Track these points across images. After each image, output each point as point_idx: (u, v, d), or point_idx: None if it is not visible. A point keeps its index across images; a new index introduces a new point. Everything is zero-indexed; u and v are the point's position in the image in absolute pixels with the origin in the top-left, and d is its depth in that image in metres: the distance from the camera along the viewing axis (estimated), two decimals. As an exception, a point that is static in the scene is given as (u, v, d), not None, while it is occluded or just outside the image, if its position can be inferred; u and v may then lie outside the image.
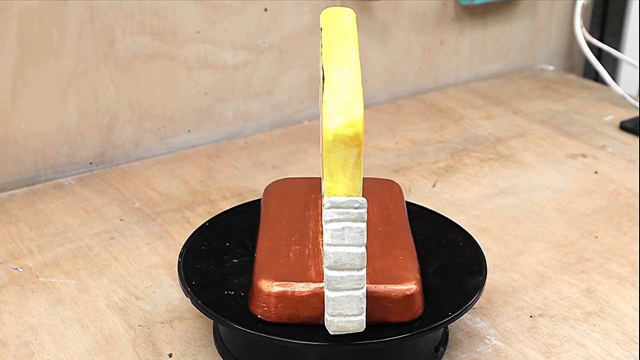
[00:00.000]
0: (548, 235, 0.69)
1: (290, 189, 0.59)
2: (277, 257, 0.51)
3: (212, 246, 0.56)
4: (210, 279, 0.53)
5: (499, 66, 1.07)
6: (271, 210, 0.57)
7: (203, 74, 0.84)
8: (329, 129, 0.43)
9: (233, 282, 0.53)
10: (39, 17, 0.73)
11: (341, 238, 0.44)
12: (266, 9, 0.85)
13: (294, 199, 0.58)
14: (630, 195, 0.76)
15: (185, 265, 0.54)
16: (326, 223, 0.45)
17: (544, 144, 0.87)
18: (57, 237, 0.68)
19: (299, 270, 0.50)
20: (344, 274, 0.45)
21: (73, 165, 0.80)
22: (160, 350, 0.54)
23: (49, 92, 0.76)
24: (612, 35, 1.11)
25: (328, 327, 0.47)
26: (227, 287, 0.52)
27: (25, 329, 0.56)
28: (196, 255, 0.55)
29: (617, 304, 0.60)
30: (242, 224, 0.59)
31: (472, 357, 0.54)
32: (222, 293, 0.51)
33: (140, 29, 0.79)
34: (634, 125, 0.90)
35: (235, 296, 0.51)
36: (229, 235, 0.58)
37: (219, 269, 0.54)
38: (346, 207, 0.44)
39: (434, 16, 0.97)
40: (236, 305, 0.50)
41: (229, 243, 0.57)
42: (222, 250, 0.56)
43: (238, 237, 0.57)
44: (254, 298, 0.49)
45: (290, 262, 0.51)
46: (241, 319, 0.49)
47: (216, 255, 0.55)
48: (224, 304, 0.50)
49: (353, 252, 0.45)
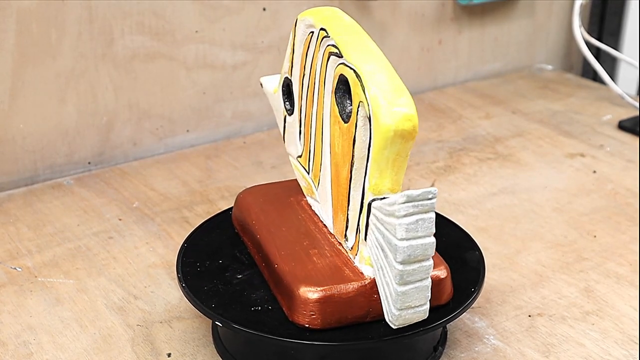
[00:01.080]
0: (547, 234, 0.69)
1: (266, 196, 0.58)
2: (303, 264, 0.50)
3: (206, 266, 0.54)
4: (227, 299, 0.51)
5: (498, 66, 1.07)
6: (262, 219, 0.55)
7: (202, 74, 0.84)
8: (389, 125, 0.43)
9: (252, 297, 0.51)
10: (37, 16, 0.73)
11: (415, 231, 0.44)
12: (265, 8, 0.85)
13: (276, 205, 0.57)
14: (628, 195, 0.76)
15: (197, 294, 0.52)
16: (399, 218, 0.44)
17: (543, 144, 0.87)
18: (55, 237, 0.68)
19: (333, 272, 0.49)
20: (415, 266, 0.45)
21: (71, 165, 0.80)
22: (159, 350, 0.54)
23: (47, 92, 0.76)
24: (611, 35, 1.12)
25: (393, 322, 0.46)
26: (251, 304, 0.50)
27: (23, 329, 0.56)
28: (198, 278, 0.53)
29: (616, 304, 0.60)
30: (221, 237, 0.57)
31: (470, 357, 0.54)
32: (249, 310, 0.50)
33: (139, 28, 0.79)
34: (632, 125, 0.90)
35: (265, 310, 0.50)
36: (215, 252, 0.56)
37: (229, 287, 0.52)
38: (420, 199, 0.44)
39: (432, 16, 0.98)
40: (271, 320, 0.49)
41: (221, 260, 0.55)
42: (220, 269, 0.54)
43: (227, 253, 0.55)
44: (297, 308, 0.47)
45: (319, 266, 0.50)
46: (284, 331, 0.48)
47: (216, 274, 0.53)
48: (260, 321, 0.49)
49: (426, 243, 0.45)
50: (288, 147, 0.57)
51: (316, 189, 0.54)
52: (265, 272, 0.52)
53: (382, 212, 0.45)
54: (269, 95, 0.58)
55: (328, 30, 0.49)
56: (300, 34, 0.52)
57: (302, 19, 0.52)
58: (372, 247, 0.47)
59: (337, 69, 0.48)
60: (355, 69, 0.46)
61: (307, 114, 0.53)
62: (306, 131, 0.54)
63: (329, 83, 0.49)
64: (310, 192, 0.56)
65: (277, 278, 0.50)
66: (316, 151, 0.53)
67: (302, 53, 0.52)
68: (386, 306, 0.47)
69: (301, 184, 0.57)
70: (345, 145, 0.48)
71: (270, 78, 0.58)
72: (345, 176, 0.49)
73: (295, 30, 0.53)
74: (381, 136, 0.44)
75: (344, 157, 0.49)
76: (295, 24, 0.53)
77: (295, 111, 0.55)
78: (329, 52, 0.49)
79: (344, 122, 0.48)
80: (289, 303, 0.48)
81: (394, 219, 0.44)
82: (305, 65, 0.52)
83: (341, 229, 0.51)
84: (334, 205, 0.52)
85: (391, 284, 0.46)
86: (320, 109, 0.51)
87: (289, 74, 0.54)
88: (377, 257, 0.47)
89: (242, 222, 0.57)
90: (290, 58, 0.54)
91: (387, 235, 0.45)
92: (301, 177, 0.56)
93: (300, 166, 0.56)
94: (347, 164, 0.49)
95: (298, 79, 0.54)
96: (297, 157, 0.56)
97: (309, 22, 0.51)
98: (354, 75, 0.46)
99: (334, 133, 0.49)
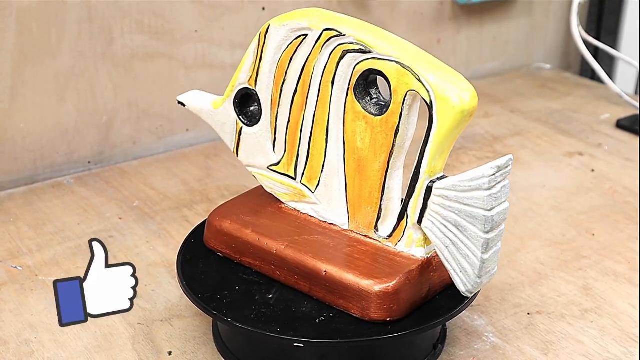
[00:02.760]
0: (545, 233, 0.69)
1: (243, 212, 0.55)
2: (352, 263, 0.50)
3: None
4: (263, 313, 0.50)
5: (496, 65, 1.07)
6: (264, 233, 0.53)
7: (201, 73, 0.84)
8: (461, 105, 0.45)
9: (255, 298, 0.51)
10: (37, 16, 0.73)
11: (499, 199, 0.46)
12: (264, 8, 0.85)
13: (263, 217, 0.55)
14: (627, 193, 0.76)
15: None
16: (488, 190, 0.46)
17: (541, 143, 0.87)
18: (56, 236, 0.68)
19: (390, 263, 0.50)
20: (496, 232, 0.47)
21: (71, 164, 0.80)
22: (159, 348, 0.55)
23: (47, 91, 0.76)
24: (609, 34, 1.12)
25: (473, 290, 0.49)
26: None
27: (25, 327, 0.57)
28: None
29: (614, 301, 0.60)
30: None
31: (470, 354, 0.54)
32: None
33: (139, 28, 0.79)
34: (630, 124, 0.91)
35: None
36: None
37: (256, 298, 0.51)
38: (504, 167, 0.46)
39: (431, 15, 0.98)
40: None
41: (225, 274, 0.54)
42: (227, 282, 0.53)
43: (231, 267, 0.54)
44: (375, 305, 0.48)
45: (369, 261, 0.50)
46: (359, 331, 0.48)
47: (234, 286, 0.52)
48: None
49: (505, 208, 0.47)
50: (248, 159, 0.56)
51: (313, 191, 0.54)
52: (301, 286, 0.51)
53: (458, 190, 0.47)
54: (204, 112, 0.56)
55: (339, 29, 0.49)
56: (279, 39, 0.51)
57: (283, 24, 0.51)
58: (436, 227, 0.48)
59: (361, 65, 0.48)
60: (399, 60, 0.47)
61: (294, 119, 0.53)
62: (292, 136, 0.53)
63: (342, 81, 0.50)
64: (298, 197, 0.55)
65: (332, 284, 0.49)
66: (313, 153, 0.53)
67: (284, 58, 0.51)
68: (463, 278, 0.48)
69: (279, 191, 0.56)
70: (380, 137, 0.49)
71: (193, 95, 0.57)
72: (376, 168, 0.50)
73: (266, 37, 0.51)
74: (453, 117, 0.46)
75: (375, 149, 0.50)
76: (266, 31, 0.51)
77: (263, 120, 0.54)
78: (342, 50, 0.49)
79: (374, 116, 0.49)
80: (363, 303, 0.48)
81: (481, 192, 0.46)
82: (288, 70, 0.51)
83: (369, 221, 0.52)
84: (353, 200, 0.52)
85: (474, 255, 0.47)
86: (322, 109, 0.51)
87: (252, 85, 0.53)
88: (444, 235, 0.48)
89: (237, 244, 0.54)
90: (254, 67, 0.53)
91: (467, 210, 0.47)
92: (279, 185, 0.55)
93: (278, 174, 0.55)
94: (381, 156, 0.50)
95: (272, 86, 0.52)
96: (269, 167, 0.55)
97: (298, 26, 0.50)
98: (397, 67, 0.47)
99: (354, 129, 0.50)
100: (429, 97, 0.47)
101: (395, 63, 0.47)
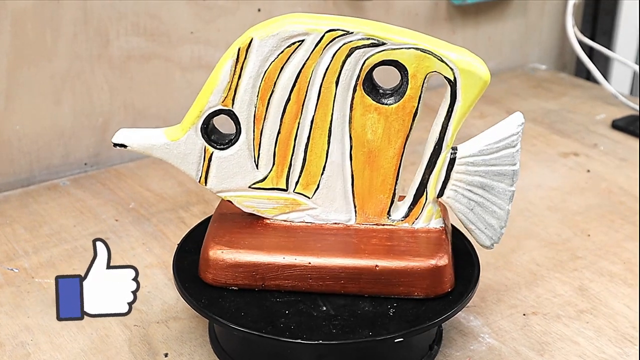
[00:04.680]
0: (541, 233, 0.70)
1: (237, 236, 0.53)
2: (387, 251, 0.51)
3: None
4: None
5: (491, 65, 1.08)
6: (279, 249, 0.52)
7: (197, 75, 0.84)
8: (485, 75, 0.49)
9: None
10: (32, 17, 0.73)
11: (518, 156, 0.51)
12: (259, 9, 0.85)
13: (262, 237, 0.53)
14: (622, 194, 0.76)
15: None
16: (515, 147, 0.51)
17: (537, 143, 0.87)
18: (52, 238, 0.68)
19: (415, 241, 0.52)
20: (515, 185, 0.52)
21: (67, 166, 0.80)
22: (156, 350, 0.55)
23: (43, 93, 0.76)
24: (604, 34, 1.12)
25: (497, 241, 0.53)
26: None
27: (21, 330, 0.57)
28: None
29: (610, 302, 0.60)
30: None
31: (466, 355, 0.55)
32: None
33: (134, 29, 0.79)
34: (625, 124, 0.91)
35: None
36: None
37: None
38: (522, 122, 0.51)
39: (426, 16, 0.98)
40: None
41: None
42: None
43: None
44: (440, 278, 0.51)
45: (399, 244, 0.52)
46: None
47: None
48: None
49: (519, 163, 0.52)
50: (222, 184, 0.53)
51: (310, 197, 0.53)
52: (349, 289, 0.51)
53: (485, 154, 0.51)
54: (157, 148, 0.53)
55: (346, 28, 0.49)
56: (266, 51, 0.49)
57: (271, 34, 0.49)
58: (459, 194, 0.52)
59: (372, 59, 0.49)
60: (417, 46, 0.49)
61: (285, 129, 0.51)
62: (283, 147, 0.52)
63: (348, 79, 0.50)
64: (290, 208, 0.53)
65: (387, 276, 0.50)
66: (311, 158, 0.52)
67: (272, 70, 0.49)
68: (489, 233, 0.53)
69: (263, 208, 0.53)
70: (395, 124, 0.51)
71: (131, 134, 0.53)
72: (391, 155, 0.52)
73: (248, 52, 0.49)
74: (479, 88, 0.49)
75: (390, 137, 0.51)
76: (247, 46, 0.49)
77: (243, 138, 0.51)
78: (349, 48, 0.49)
79: (387, 105, 0.51)
80: (426, 282, 0.50)
81: (510, 150, 0.51)
82: (278, 80, 0.50)
83: (381, 208, 0.53)
84: (361, 193, 0.53)
85: (501, 208, 0.52)
86: (323, 112, 0.51)
87: (227, 105, 0.50)
88: (469, 199, 0.52)
89: (258, 271, 0.51)
90: (230, 87, 0.50)
91: (494, 169, 0.51)
92: (266, 201, 0.53)
93: (263, 190, 0.53)
94: (396, 142, 0.51)
95: (257, 101, 0.50)
96: (252, 185, 0.53)
97: (293, 33, 0.49)
98: (416, 52, 0.49)
99: (364, 123, 0.51)
100: (453, 75, 0.49)
101: (413, 50, 0.49)
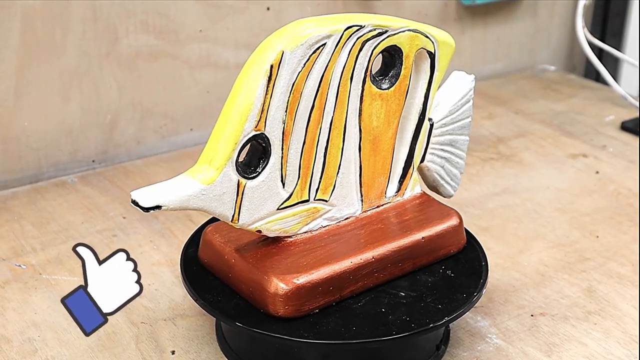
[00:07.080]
0: (549, 234, 0.69)
1: (278, 258, 0.51)
2: (413, 225, 0.54)
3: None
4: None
5: (500, 66, 1.07)
6: (336, 257, 0.50)
7: (205, 73, 0.84)
8: (452, 41, 0.55)
9: None
10: (42, 15, 0.73)
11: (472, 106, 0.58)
12: (268, 8, 0.85)
13: (303, 256, 0.51)
14: (630, 195, 0.76)
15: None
16: (471, 99, 0.57)
17: (545, 144, 0.87)
18: (59, 235, 0.68)
19: (419, 209, 0.56)
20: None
21: (75, 163, 0.80)
22: (163, 347, 0.55)
23: (51, 90, 0.76)
24: (613, 36, 1.12)
25: (457, 189, 0.59)
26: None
27: (28, 326, 0.57)
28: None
29: (618, 303, 0.60)
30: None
31: (473, 356, 0.54)
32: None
33: (143, 27, 0.79)
34: (634, 126, 0.90)
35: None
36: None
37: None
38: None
39: (435, 16, 0.98)
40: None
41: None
42: None
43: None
44: (463, 230, 0.56)
45: (413, 215, 0.55)
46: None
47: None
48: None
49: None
50: (254, 215, 0.49)
51: (328, 200, 0.52)
52: (406, 267, 0.53)
53: (453, 112, 0.56)
54: (193, 198, 0.48)
55: (359, 22, 0.49)
56: (295, 62, 0.47)
57: (300, 44, 0.47)
58: (435, 156, 0.57)
59: (378, 47, 0.51)
60: (409, 27, 0.52)
61: (310, 138, 0.49)
62: (307, 157, 0.50)
63: (360, 72, 0.50)
64: (312, 216, 0.52)
65: (432, 244, 0.54)
66: (329, 160, 0.51)
67: (300, 81, 0.47)
68: (452, 183, 0.58)
69: (289, 226, 0.51)
70: (393, 105, 0.53)
71: (161, 191, 0.46)
72: (389, 136, 0.54)
73: (280, 67, 0.46)
74: (449, 55, 0.55)
75: (389, 119, 0.53)
76: (279, 61, 0.46)
77: (273, 160, 0.48)
78: (361, 42, 0.49)
79: (386, 90, 0.52)
80: (457, 237, 0.55)
81: (469, 103, 0.57)
82: (304, 90, 0.48)
83: (381, 190, 0.55)
84: (367, 180, 0.54)
85: (461, 158, 0.58)
86: (340, 110, 0.50)
87: (260, 129, 0.47)
88: (441, 158, 0.57)
89: (334, 284, 0.50)
90: (263, 108, 0.46)
91: (459, 124, 0.57)
92: (291, 218, 0.51)
93: (289, 208, 0.50)
94: (393, 122, 0.53)
95: (286, 116, 0.47)
96: (280, 207, 0.50)
97: (317, 38, 0.47)
98: (409, 33, 0.52)
99: (371, 112, 0.52)
100: (433, 47, 0.53)
101: (407, 31, 0.52)
